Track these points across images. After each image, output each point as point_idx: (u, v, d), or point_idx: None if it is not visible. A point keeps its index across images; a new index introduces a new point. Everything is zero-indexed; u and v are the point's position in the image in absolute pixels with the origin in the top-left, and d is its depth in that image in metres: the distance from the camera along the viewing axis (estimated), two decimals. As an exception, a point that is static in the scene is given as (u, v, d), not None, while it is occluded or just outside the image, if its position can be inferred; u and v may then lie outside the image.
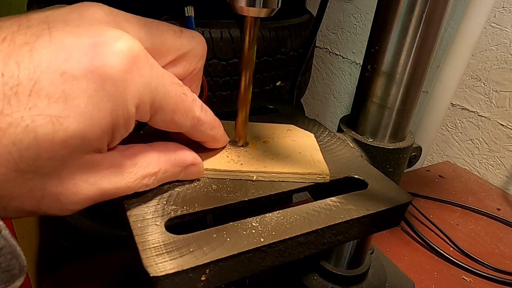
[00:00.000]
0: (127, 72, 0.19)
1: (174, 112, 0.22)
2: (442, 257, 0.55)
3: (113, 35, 0.19)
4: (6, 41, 0.17)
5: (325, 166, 0.30)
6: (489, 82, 0.78)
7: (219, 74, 0.57)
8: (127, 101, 0.19)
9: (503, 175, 0.79)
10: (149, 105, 0.21)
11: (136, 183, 0.22)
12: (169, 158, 0.24)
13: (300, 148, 0.33)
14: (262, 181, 0.28)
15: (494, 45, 0.75)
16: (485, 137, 0.80)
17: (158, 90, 0.21)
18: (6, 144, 0.17)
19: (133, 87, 0.19)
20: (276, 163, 0.30)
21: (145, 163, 0.23)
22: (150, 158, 0.23)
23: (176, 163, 0.25)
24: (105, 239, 0.68)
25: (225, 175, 0.28)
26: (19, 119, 0.17)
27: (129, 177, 0.22)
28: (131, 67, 0.19)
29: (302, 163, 0.30)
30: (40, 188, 0.19)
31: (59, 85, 0.17)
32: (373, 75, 0.34)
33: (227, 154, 0.30)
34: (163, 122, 0.23)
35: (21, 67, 0.17)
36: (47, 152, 0.18)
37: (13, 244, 0.17)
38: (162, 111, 0.22)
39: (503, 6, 0.73)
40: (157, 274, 0.19)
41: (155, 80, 0.21)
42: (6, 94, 0.16)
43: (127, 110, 0.20)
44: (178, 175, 0.26)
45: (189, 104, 0.23)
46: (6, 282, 0.18)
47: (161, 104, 0.21)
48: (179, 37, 0.24)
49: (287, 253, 0.24)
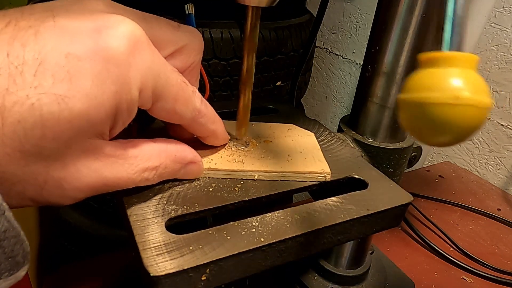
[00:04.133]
0: (130, 55, 0.19)
1: (175, 100, 0.23)
2: (442, 257, 0.55)
3: (116, 20, 0.19)
4: (10, 25, 0.17)
5: (326, 165, 0.30)
6: (489, 82, 0.78)
7: (219, 74, 0.57)
8: (131, 85, 0.20)
9: (503, 175, 0.79)
10: (151, 90, 0.21)
11: (136, 175, 0.22)
12: (170, 153, 0.24)
13: (301, 147, 0.33)
14: (262, 181, 0.28)
15: (494, 45, 0.75)
16: (485, 137, 0.80)
17: (160, 76, 0.21)
18: (12, 122, 0.17)
19: (136, 71, 0.20)
20: (277, 163, 0.30)
21: (146, 156, 0.23)
22: (151, 151, 0.23)
23: (177, 159, 0.25)
24: (105, 239, 0.68)
25: (227, 174, 0.28)
26: (25, 97, 0.17)
27: (130, 168, 0.22)
28: (134, 50, 0.19)
29: (303, 162, 0.30)
30: (43, 172, 0.19)
31: (64, 66, 0.18)
32: (373, 75, 0.34)
33: (228, 154, 0.30)
34: (164, 111, 0.23)
35: (27, 49, 0.17)
36: (52, 132, 0.18)
37: (17, 227, 0.17)
38: (163, 99, 0.22)
39: (503, 6, 0.73)
40: (158, 274, 0.19)
41: (157, 66, 0.21)
42: (12, 73, 0.17)
43: (130, 94, 0.20)
44: (178, 172, 0.26)
45: (190, 94, 0.24)
46: (10, 270, 0.17)
47: (163, 91, 0.22)
48: (177, 31, 0.24)
49: (287, 253, 0.24)
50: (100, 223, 0.68)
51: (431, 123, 0.17)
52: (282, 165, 0.29)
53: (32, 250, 0.71)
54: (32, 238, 0.71)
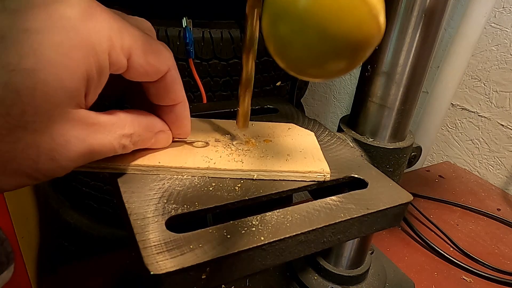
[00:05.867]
0: (87, 20, 0.20)
1: (145, 53, 0.23)
2: (442, 257, 0.55)
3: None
4: None
5: (326, 165, 0.30)
6: (489, 82, 0.78)
7: (219, 74, 0.57)
8: (95, 48, 0.20)
9: (503, 175, 0.79)
10: (119, 48, 0.22)
11: (116, 142, 0.23)
12: (141, 122, 0.26)
13: (301, 146, 0.33)
14: (262, 180, 0.29)
15: (494, 45, 0.75)
16: (485, 137, 0.81)
17: (123, 32, 0.22)
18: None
19: (96, 34, 0.20)
20: (276, 162, 0.30)
21: (121, 124, 0.24)
22: (125, 119, 0.24)
23: (148, 128, 0.26)
24: (105, 239, 0.68)
25: (226, 174, 0.28)
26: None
27: (110, 134, 0.23)
28: (89, 15, 0.20)
29: (302, 162, 0.30)
30: (34, 145, 0.19)
31: (25, 41, 0.18)
32: (373, 75, 0.35)
33: (228, 153, 0.30)
34: (140, 67, 0.23)
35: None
36: (31, 107, 0.18)
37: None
38: (134, 53, 0.22)
39: (503, 6, 0.73)
40: (158, 272, 0.19)
41: (116, 24, 0.22)
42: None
43: (97, 57, 0.20)
44: (150, 141, 0.27)
45: (157, 46, 0.24)
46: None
47: (131, 45, 0.22)
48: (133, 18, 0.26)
49: (287, 252, 0.24)
50: (100, 223, 0.68)
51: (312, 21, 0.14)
52: (281, 165, 0.29)
53: (32, 250, 0.71)
54: (32, 238, 0.71)
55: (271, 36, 0.17)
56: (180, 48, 0.53)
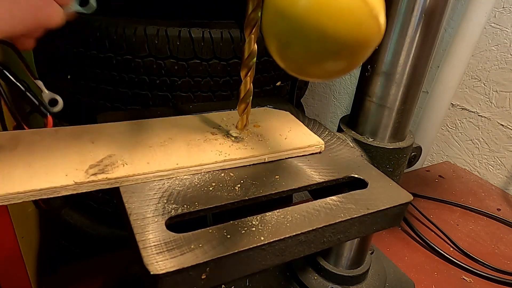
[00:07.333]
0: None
1: None
2: (442, 257, 0.55)
3: None
4: None
5: (317, 137, 0.34)
6: (489, 82, 0.78)
7: (219, 74, 0.57)
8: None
9: (503, 175, 0.79)
10: None
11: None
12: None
13: (287, 126, 0.36)
14: (262, 180, 0.29)
15: (494, 45, 0.75)
16: (485, 137, 0.80)
17: None
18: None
19: None
20: (277, 143, 0.32)
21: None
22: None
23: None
24: (105, 239, 0.68)
25: (241, 162, 0.30)
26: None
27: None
28: None
29: (298, 139, 0.33)
30: None
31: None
32: (373, 75, 0.35)
33: (231, 144, 0.32)
34: None
35: None
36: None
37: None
38: None
39: (503, 6, 0.73)
40: (158, 272, 0.19)
41: None
42: None
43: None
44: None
45: None
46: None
47: None
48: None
49: (287, 251, 0.24)
50: (100, 223, 0.68)
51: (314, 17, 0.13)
52: (283, 145, 0.32)
53: (32, 250, 0.71)
54: (32, 238, 0.71)
55: (271, 36, 0.17)
56: (180, 48, 0.53)
